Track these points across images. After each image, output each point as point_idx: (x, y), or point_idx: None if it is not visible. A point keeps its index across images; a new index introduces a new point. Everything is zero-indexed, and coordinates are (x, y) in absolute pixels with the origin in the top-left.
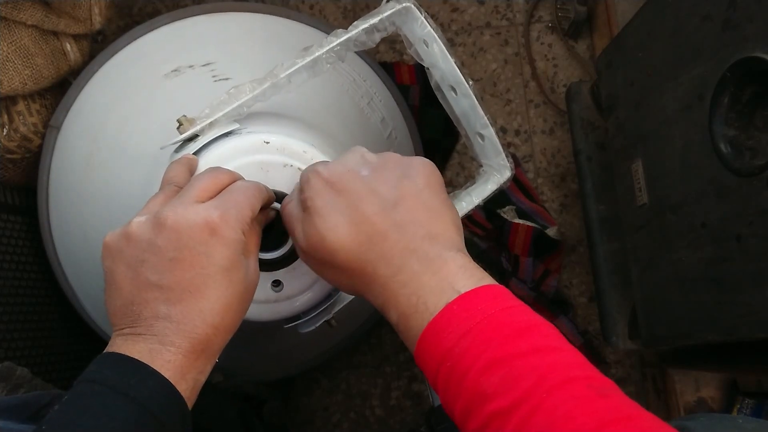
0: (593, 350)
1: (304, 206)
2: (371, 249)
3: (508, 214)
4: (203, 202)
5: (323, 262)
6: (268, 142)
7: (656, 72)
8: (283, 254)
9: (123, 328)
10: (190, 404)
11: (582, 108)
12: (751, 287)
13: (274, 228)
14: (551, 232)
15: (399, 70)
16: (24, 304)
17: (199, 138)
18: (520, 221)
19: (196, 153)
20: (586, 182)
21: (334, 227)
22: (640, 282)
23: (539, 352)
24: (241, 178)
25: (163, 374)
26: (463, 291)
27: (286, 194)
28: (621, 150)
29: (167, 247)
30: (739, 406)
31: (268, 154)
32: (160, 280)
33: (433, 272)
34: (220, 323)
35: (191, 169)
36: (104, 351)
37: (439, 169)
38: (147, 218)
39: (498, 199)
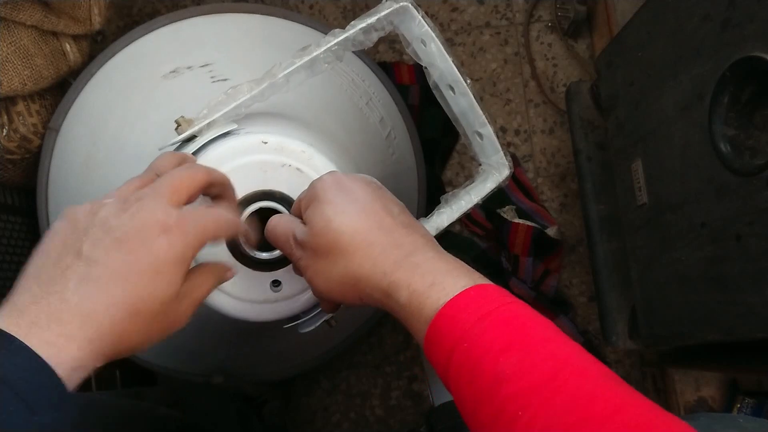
0: (593, 350)
1: (313, 197)
2: (380, 234)
3: (508, 213)
4: (175, 202)
5: (327, 252)
6: (266, 143)
7: (656, 72)
8: (282, 254)
9: (22, 294)
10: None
11: (582, 108)
12: (751, 287)
13: None
14: (551, 231)
15: (399, 70)
16: None
17: (197, 139)
18: (520, 221)
19: (194, 154)
20: (585, 182)
21: (343, 211)
22: (640, 282)
23: (556, 340)
24: (221, 177)
25: (38, 353)
26: (479, 282)
27: (283, 193)
28: (621, 150)
29: (118, 228)
30: (739, 405)
31: (266, 154)
32: (91, 253)
33: (447, 261)
34: (119, 324)
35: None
36: None
37: (439, 168)
38: (114, 201)
39: (498, 198)
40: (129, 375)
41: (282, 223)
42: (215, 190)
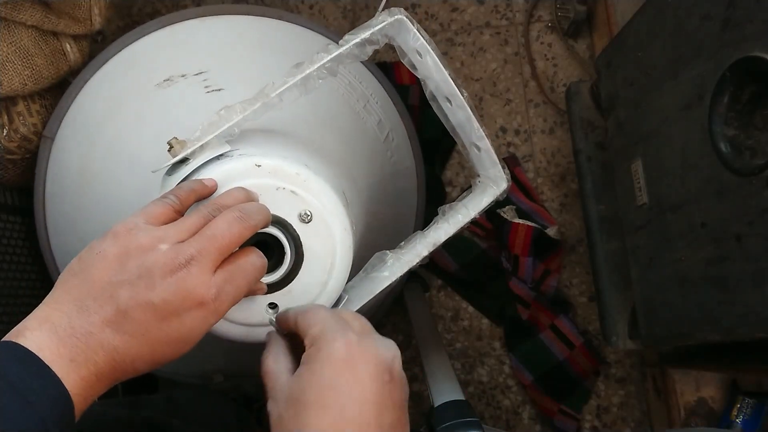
0: (593, 350)
1: (321, 346)
2: None
3: (508, 213)
4: (219, 261)
5: (300, 408)
6: (259, 166)
7: (656, 72)
8: (280, 278)
9: (62, 312)
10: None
11: (582, 108)
12: (751, 287)
13: (269, 250)
14: (551, 231)
15: (399, 70)
16: (24, 304)
17: (191, 161)
18: (520, 221)
19: (187, 177)
20: (585, 182)
21: (340, 392)
22: (640, 282)
23: None
24: (268, 217)
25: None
26: None
27: (279, 216)
28: (621, 150)
29: (159, 292)
30: (739, 405)
31: (260, 178)
32: (127, 306)
33: None
34: (139, 371)
35: (200, 197)
36: (31, 323)
37: (439, 168)
38: (167, 251)
39: None
40: (130, 379)
41: (271, 363)
42: None
